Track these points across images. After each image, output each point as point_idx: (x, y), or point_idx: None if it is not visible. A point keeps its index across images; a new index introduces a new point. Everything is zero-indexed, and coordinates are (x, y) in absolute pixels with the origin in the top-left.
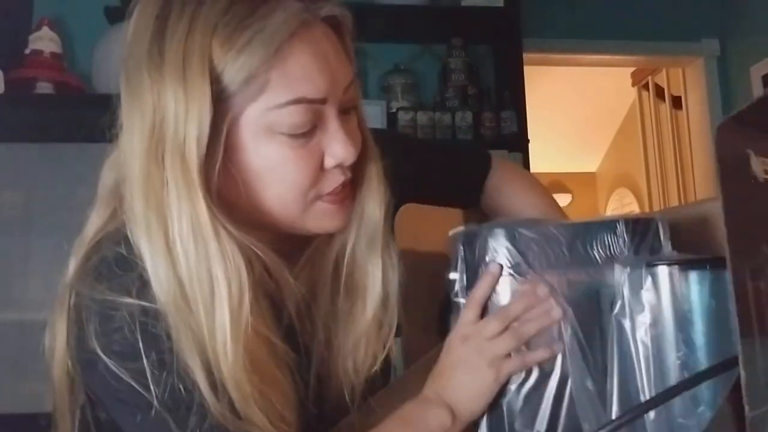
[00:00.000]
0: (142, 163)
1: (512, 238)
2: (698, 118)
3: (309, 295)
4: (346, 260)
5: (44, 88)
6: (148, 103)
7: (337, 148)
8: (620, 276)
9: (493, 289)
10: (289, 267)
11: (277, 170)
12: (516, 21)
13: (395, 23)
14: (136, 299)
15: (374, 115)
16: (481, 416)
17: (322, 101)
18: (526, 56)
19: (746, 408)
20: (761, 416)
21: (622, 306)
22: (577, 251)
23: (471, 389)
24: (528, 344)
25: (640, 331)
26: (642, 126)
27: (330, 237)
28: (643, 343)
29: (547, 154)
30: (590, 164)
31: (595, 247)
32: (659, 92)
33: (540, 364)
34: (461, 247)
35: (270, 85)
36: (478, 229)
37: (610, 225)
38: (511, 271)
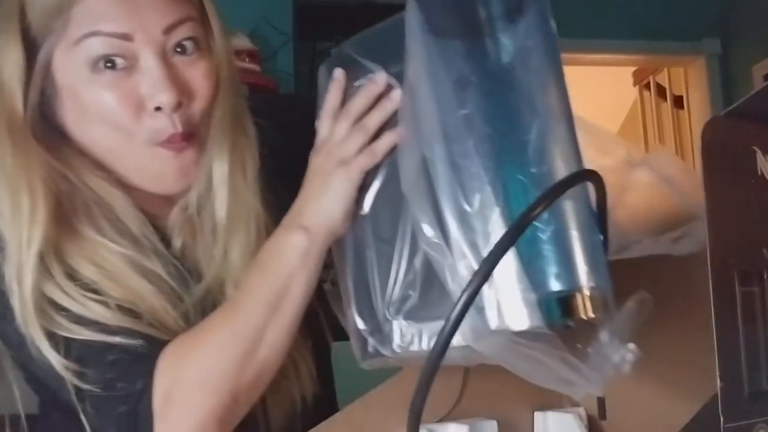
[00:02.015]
0: None
1: (354, 44)
2: (700, 117)
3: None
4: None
5: None
6: None
7: (148, 88)
8: None
9: (344, 99)
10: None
11: (95, 110)
12: None
13: None
14: None
15: None
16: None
17: (125, 37)
18: None
19: (722, 419)
20: (741, 428)
21: None
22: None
23: (324, 196)
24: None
25: None
26: (643, 125)
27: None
28: None
29: None
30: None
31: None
32: (661, 92)
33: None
34: (320, 82)
35: (71, 23)
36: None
37: None
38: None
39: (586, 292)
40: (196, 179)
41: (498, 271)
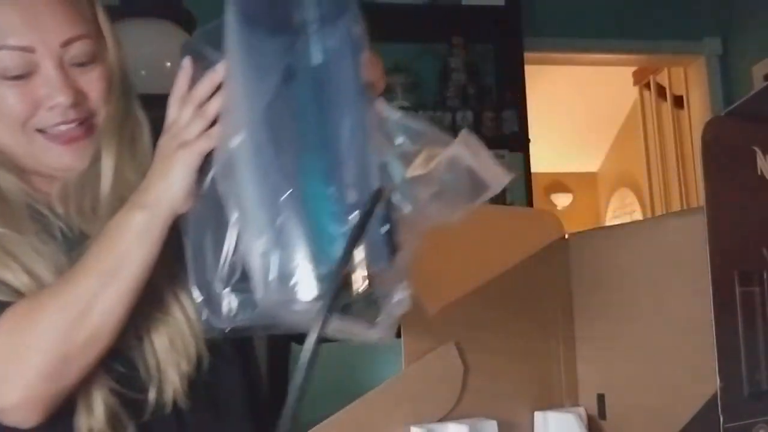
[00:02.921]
0: None
1: (204, 34)
2: (700, 117)
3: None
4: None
5: None
6: None
7: (47, 90)
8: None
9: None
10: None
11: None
12: (517, 20)
13: (395, 22)
14: None
15: None
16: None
17: (28, 49)
18: (527, 55)
19: (722, 419)
20: (741, 428)
21: None
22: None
23: (166, 176)
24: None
25: None
26: (643, 125)
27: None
28: None
29: (547, 154)
30: (591, 164)
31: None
32: (661, 91)
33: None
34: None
35: None
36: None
37: None
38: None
39: (361, 271)
40: (87, 164)
41: (294, 249)
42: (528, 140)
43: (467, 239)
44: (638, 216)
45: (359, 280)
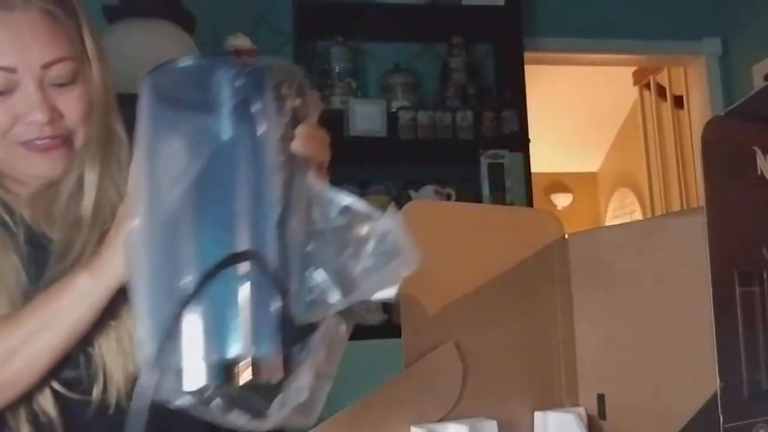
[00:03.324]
0: None
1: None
2: (700, 117)
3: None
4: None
5: None
6: None
7: (25, 108)
8: None
9: None
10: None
11: None
12: (517, 20)
13: (395, 22)
14: None
15: (374, 114)
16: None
17: (10, 69)
18: (526, 55)
19: (722, 419)
20: (741, 428)
21: None
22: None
23: (115, 244)
24: None
25: None
26: (643, 125)
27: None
28: None
29: (547, 154)
30: (591, 164)
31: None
32: (661, 91)
33: None
34: None
35: None
36: None
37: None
38: None
39: (251, 360)
40: (61, 173)
41: (184, 337)
42: (528, 140)
43: (467, 239)
44: (638, 216)
45: (245, 369)
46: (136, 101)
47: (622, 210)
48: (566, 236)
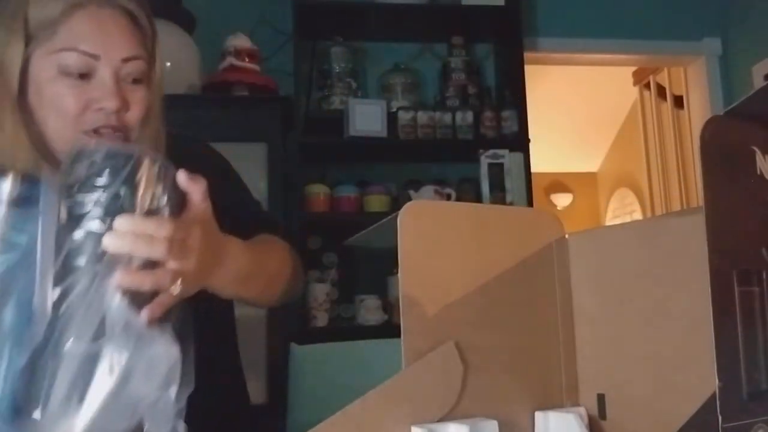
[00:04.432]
0: None
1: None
2: (700, 117)
3: None
4: None
5: None
6: None
7: (97, 93)
8: None
9: None
10: None
11: (54, 101)
12: (517, 20)
13: (395, 22)
14: None
15: (374, 114)
16: None
17: (94, 56)
18: (526, 55)
19: (720, 419)
20: (740, 428)
21: None
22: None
23: None
24: None
25: None
26: (643, 125)
27: None
28: None
29: (547, 154)
30: (591, 164)
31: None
32: (661, 91)
33: None
34: None
35: (56, 35)
36: None
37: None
38: None
39: None
40: None
41: None
42: (528, 140)
43: (467, 239)
44: (638, 216)
45: None
46: None
47: (622, 210)
48: (566, 236)
